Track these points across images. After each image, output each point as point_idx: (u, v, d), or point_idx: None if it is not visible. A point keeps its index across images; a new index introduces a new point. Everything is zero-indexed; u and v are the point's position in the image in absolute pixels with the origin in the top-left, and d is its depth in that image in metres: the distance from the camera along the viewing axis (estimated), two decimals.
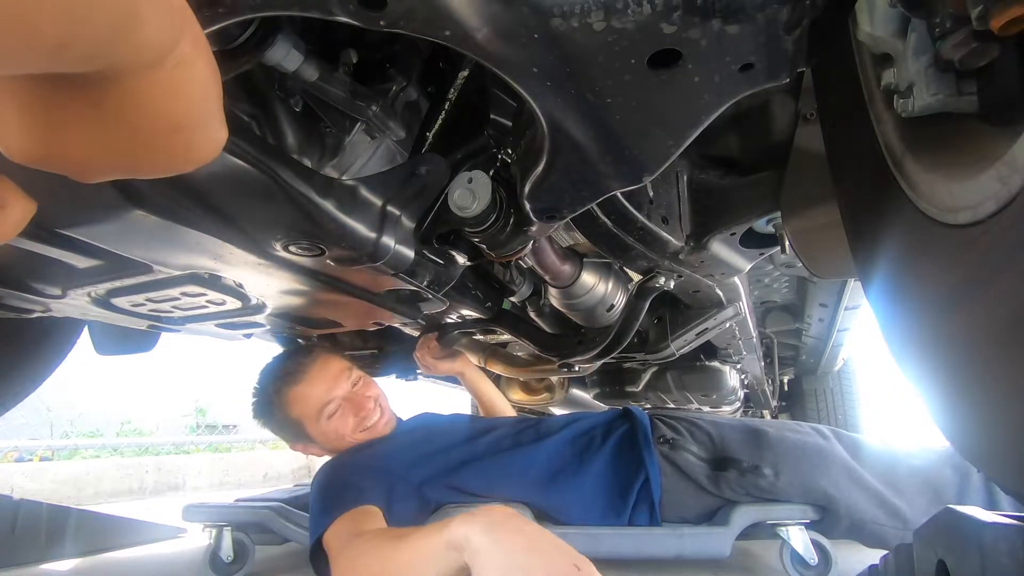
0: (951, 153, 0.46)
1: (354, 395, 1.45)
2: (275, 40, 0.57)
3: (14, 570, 1.45)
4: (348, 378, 1.45)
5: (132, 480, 3.56)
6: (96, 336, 1.63)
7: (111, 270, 0.85)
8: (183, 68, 0.33)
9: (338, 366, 1.46)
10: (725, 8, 0.42)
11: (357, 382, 1.47)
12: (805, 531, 1.26)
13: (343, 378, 1.44)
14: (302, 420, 1.42)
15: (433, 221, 0.83)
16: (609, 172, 0.62)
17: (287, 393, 1.42)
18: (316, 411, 1.41)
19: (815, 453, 1.35)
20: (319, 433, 1.42)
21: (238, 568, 1.38)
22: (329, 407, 1.41)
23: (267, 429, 1.51)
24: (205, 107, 0.36)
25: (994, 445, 0.45)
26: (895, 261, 0.56)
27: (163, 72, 0.32)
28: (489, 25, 0.44)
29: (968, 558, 0.49)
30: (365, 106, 0.68)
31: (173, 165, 0.38)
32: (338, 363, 1.47)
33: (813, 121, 0.92)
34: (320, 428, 1.41)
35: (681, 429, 1.48)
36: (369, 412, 1.45)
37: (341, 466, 1.36)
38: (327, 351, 1.51)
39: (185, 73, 0.33)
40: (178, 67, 0.32)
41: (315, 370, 1.43)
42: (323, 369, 1.44)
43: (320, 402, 1.41)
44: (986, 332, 0.42)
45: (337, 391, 1.42)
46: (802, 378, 3.79)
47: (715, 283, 1.32)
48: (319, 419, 1.41)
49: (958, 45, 0.39)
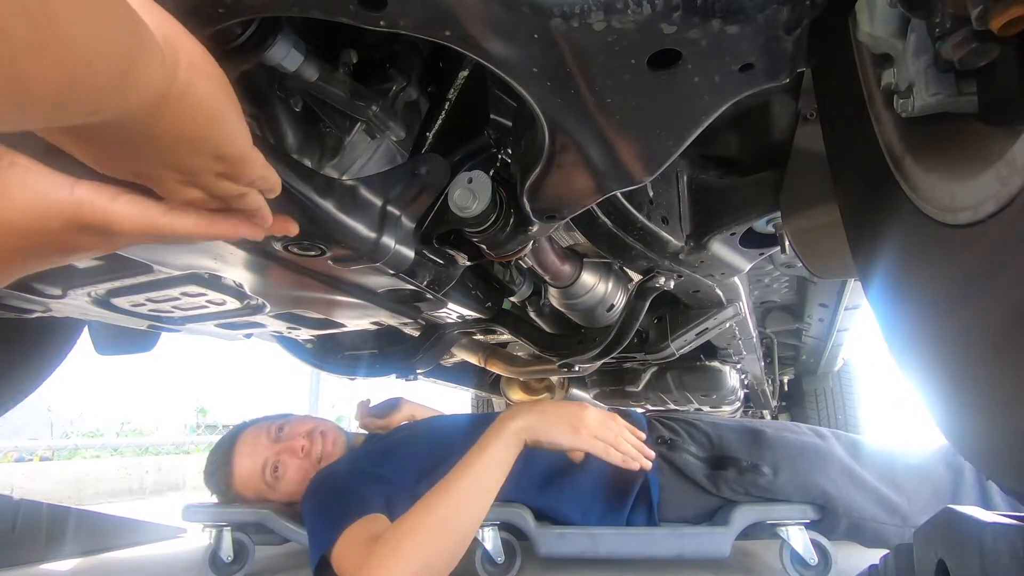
0: (951, 153, 0.46)
1: (282, 443, 1.44)
2: (275, 40, 0.57)
3: (14, 570, 1.45)
4: (267, 434, 1.46)
5: (132, 480, 3.56)
6: (96, 336, 1.63)
7: (111, 270, 0.85)
8: (186, 93, 0.34)
9: (251, 433, 1.48)
10: (725, 8, 0.42)
11: (280, 430, 1.47)
12: (805, 531, 1.26)
13: (260, 438, 1.46)
14: (263, 495, 1.43)
15: (433, 221, 0.83)
16: (609, 172, 0.62)
17: (233, 485, 1.44)
18: (261, 480, 1.42)
19: (813, 452, 1.35)
20: (284, 494, 1.42)
21: (238, 568, 1.38)
22: (267, 469, 1.41)
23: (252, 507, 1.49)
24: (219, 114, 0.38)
25: (994, 445, 0.45)
26: (895, 261, 0.56)
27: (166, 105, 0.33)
28: (489, 25, 0.44)
29: (968, 558, 0.49)
30: (365, 106, 0.68)
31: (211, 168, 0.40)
32: (250, 430, 1.49)
33: (813, 121, 0.92)
34: (281, 490, 1.41)
35: (679, 429, 1.48)
36: (308, 449, 1.44)
37: (332, 476, 1.34)
38: (239, 428, 1.52)
39: (188, 96, 0.34)
40: (182, 94, 0.34)
41: (235, 451, 1.45)
42: (241, 446, 1.45)
43: (257, 472, 1.42)
44: (986, 332, 0.42)
45: (263, 452, 1.43)
46: (802, 378, 3.79)
47: (715, 283, 1.32)
48: (271, 484, 1.41)
49: (958, 45, 0.39)
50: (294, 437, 1.46)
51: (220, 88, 0.37)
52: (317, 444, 1.46)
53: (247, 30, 0.54)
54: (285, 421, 1.51)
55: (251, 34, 0.54)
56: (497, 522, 1.33)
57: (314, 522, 1.20)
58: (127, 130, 0.33)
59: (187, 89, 0.34)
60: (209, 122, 0.37)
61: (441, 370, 2.20)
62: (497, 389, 2.43)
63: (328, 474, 1.36)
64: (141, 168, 0.38)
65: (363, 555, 0.99)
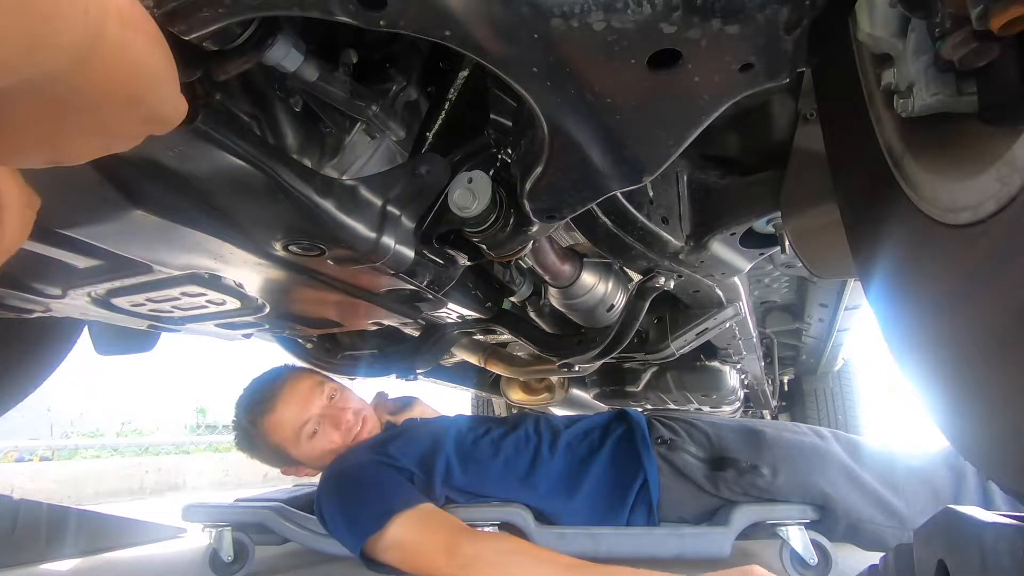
0: (951, 153, 0.46)
1: (331, 410, 1.43)
2: (275, 40, 0.57)
3: (14, 570, 1.45)
4: (321, 394, 1.44)
5: (132, 480, 3.56)
6: (96, 336, 1.63)
7: (111, 270, 0.85)
8: (118, 49, 0.32)
9: (308, 384, 1.45)
10: (725, 8, 0.42)
11: (333, 395, 1.46)
12: (805, 531, 1.26)
13: (315, 395, 1.43)
14: (284, 446, 1.41)
15: (433, 221, 0.83)
16: (609, 172, 0.62)
17: (262, 423, 1.41)
18: (295, 434, 1.40)
19: (813, 453, 1.35)
20: (304, 455, 1.41)
21: (238, 568, 1.38)
22: (307, 428, 1.40)
23: (255, 460, 1.50)
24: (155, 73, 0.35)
25: (994, 445, 0.46)
26: (895, 261, 0.56)
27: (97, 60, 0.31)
28: (489, 25, 0.44)
29: (968, 558, 0.49)
30: (365, 106, 0.67)
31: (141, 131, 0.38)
32: (308, 381, 1.46)
33: (813, 121, 0.92)
34: (303, 450, 1.41)
35: (679, 429, 1.48)
36: (350, 425, 1.44)
37: (360, 466, 1.34)
38: (296, 371, 1.50)
39: (121, 53, 0.32)
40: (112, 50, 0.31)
41: (285, 393, 1.42)
42: (293, 391, 1.42)
43: (296, 425, 1.39)
44: (986, 332, 0.42)
45: (311, 410, 1.41)
46: (802, 378, 3.79)
47: (715, 283, 1.32)
48: (299, 441, 1.40)
49: (958, 45, 0.39)
50: (344, 410, 1.45)
51: (156, 45, 0.35)
52: (358, 425, 1.46)
53: (247, 30, 0.54)
54: (338, 388, 1.50)
55: (251, 34, 0.54)
56: (497, 522, 1.33)
57: (352, 510, 1.21)
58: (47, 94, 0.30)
59: (118, 46, 0.31)
60: (143, 82, 0.34)
61: (441, 370, 2.20)
62: (497, 389, 2.43)
63: (355, 464, 1.35)
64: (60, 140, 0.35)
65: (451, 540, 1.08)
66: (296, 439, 1.40)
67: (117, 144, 0.38)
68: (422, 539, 1.12)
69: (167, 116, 0.39)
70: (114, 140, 0.38)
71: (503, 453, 1.45)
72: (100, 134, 0.36)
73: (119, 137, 0.37)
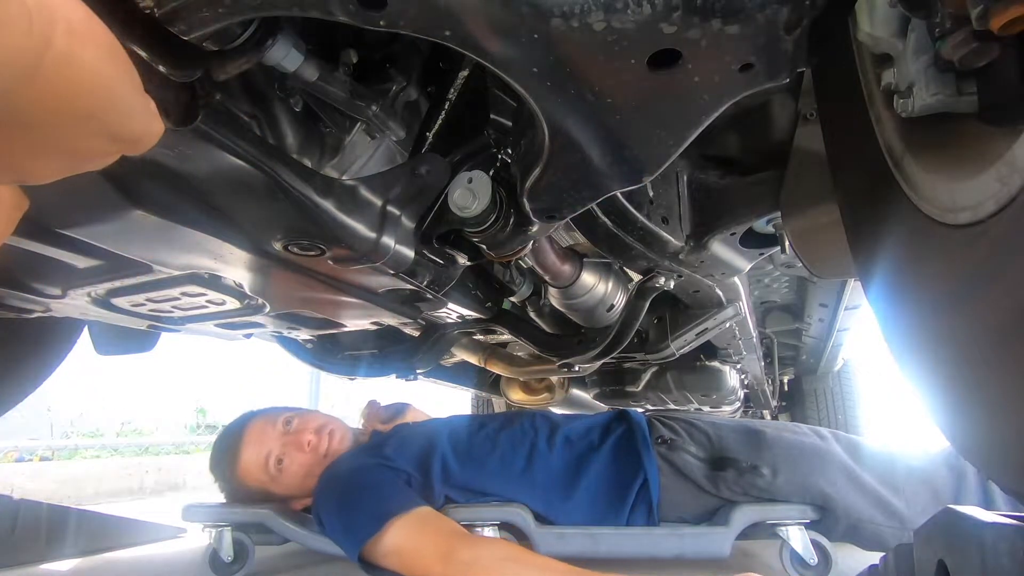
0: (951, 153, 0.46)
1: (289, 436, 1.45)
2: (275, 40, 0.57)
3: (14, 570, 1.45)
4: (274, 426, 1.46)
5: (132, 480, 3.56)
6: (96, 336, 1.63)
7: (111, 270, 0.85)
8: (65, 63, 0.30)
9: (259, 423, 1.48)
10: (725, 8, 0.42)
11: (289, 423, 1.48)
12: (805, 531, 1.26)
13: (268, 429, 1.46)
14: (263, 487, 1.43)
15: (433, 221, 0.83)
16: (609, 172, 0.62)
17: (235, 474, 1.44)
18: (263, 471, 1.42)
19: (813, 453, 1.35)
20: (285, 487, 1.43)
21: (238, 568, 1.38)
22: (271, 460, 1.42)
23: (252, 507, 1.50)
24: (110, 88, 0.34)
25: (994, 445, 0.45)
26: (895, 261, 0.56)
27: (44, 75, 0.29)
28: (489, 25, 0.44)
29: (968, 558, 0.49)
30: (365, 106, 0.68)
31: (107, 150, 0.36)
32: (259, 420, 1.49)
33: (813, 121, 0.92)
34: (282, 483, 1.42)
35: (679, 429, 1.48)
36: (315, 444, 1.45)
37: (356, 469, 1.35)
38: (250, 416, 1.53)
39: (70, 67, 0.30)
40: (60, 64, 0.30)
41: (243, 439, 1.45)
42: (249, 435, 1.46)
43: (260, 462, 1.42)
44: (986, 332, 0.41)
45: (268, 443, 1.43)
46: (802, 378, 3.79)
47: (715, 283, 1.32)
48: (272, 476, 1.42)
49: (958, 45, 0.39)
50: (302, 431, 1.46)
51: (110, 57, 0.33)
52: (324, 441, 1.46)
53: (247, 30, 0.54)
54: (295, 414, 1.52)
55: (251, 34, 0.54)
56: (497, 522, 1.33)
57: (349, 514, 1.22)
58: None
59: (67, 59, 0.30)
60: (97, 96, 0.32)
61: (441, 370, 2.20)
62: (497, 389, 2.43)
63: (351, 468, 1.36)
64: (16, 160, 0.33)
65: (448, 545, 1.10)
66: (267, 475, 1.42)
67: (86, 163, 0.36)
68: (419, 544, 1.12)
69: (135, 133, 0.36)
70: (78, 159, 0.35)
71: (499, 448, 1.45)
72: (61, 153, 0.34)
73: (83, 156, 0.35)
